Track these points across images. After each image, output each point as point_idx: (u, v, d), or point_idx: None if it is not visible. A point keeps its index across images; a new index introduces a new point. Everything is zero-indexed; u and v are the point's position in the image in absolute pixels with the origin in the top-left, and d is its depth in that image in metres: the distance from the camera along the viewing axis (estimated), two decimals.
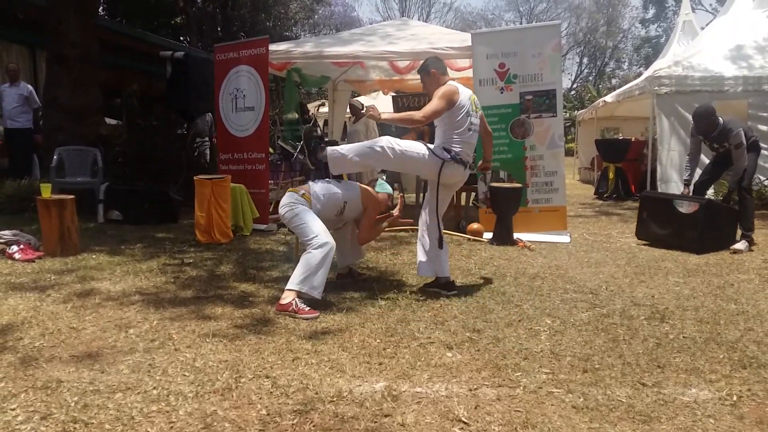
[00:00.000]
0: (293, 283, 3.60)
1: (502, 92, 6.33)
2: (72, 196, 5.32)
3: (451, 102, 3.89)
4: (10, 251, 4.93)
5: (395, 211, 4.39)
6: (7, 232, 5.14)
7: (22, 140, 8.89)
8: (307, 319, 3.44)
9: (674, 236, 5.62)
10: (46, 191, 5.21)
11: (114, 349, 2.91)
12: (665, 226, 5.69)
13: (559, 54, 6.54)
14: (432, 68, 4.10)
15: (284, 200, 3.90)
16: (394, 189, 9.71)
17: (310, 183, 4.02)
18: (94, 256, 5.12)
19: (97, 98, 8.54)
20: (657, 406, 2.37)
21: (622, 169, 10.69)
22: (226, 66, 7.11)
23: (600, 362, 2.83)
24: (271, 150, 8.07)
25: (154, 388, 2.47)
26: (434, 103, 3.87)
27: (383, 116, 3.92)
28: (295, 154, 7.04)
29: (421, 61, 4.31)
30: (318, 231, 3.70)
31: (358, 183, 4.26)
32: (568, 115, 25.78)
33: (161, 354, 2.86)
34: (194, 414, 2.25)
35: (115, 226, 6.88)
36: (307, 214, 3.78)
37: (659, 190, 10.47)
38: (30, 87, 9.04)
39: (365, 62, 8.48)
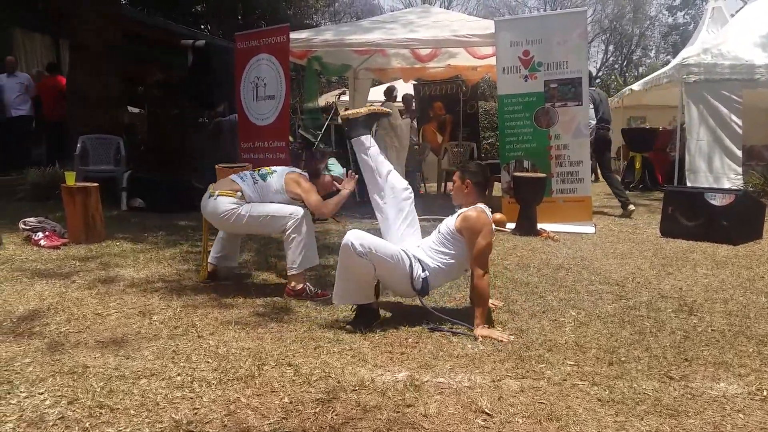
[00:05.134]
0: (294, 267, 3.63)
1: (526, 80, 6.24)
2: (96, 184, 5.38)
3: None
4: (35, 238, 5.00)
5: (344, 189, 3.95)
6: (32, 219, 5.21)
7: (23, 126, 9.20)
8: (322, 300, 3.53)
9: (704, 228, 5.50)
10: (70, 179, 5.27)
11: (138, 336, 2.94)
12: (694, 218, 5.57)
13: (584, 41, 6.43)
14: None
15: (216, 207, 3.61)
16: (417, 176, 9.68)
17: (237, 181, 3.74)
18: (117, 244, 5.17)
19: (118, 87, 8.62)
20: (684, 399, 2.32)
21: (648, 158, 10.50)
22: (246, 54, 7.11)
23: (626, 355, 2.78)
24: (291, 139, 8.07)
25: (178, 374, 2.48)
26: (485, 239, 3.10)
27: None
28: (316, 143, 7.02)
29: (443, 50, 4.16)
30: (282, 212, 3.62)
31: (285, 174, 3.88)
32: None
33: (185, 341, 2.88)
34: (218, 401, 2.25)
35: (138, 213, 6.96)
36: (255, 207, 3.64)
37: (687, 182, 10.31)
38: (27, 76, 9.41)
39: (386, 50, 8.42)
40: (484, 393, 2.35)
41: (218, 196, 3.62)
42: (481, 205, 3.24)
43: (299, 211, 3.66)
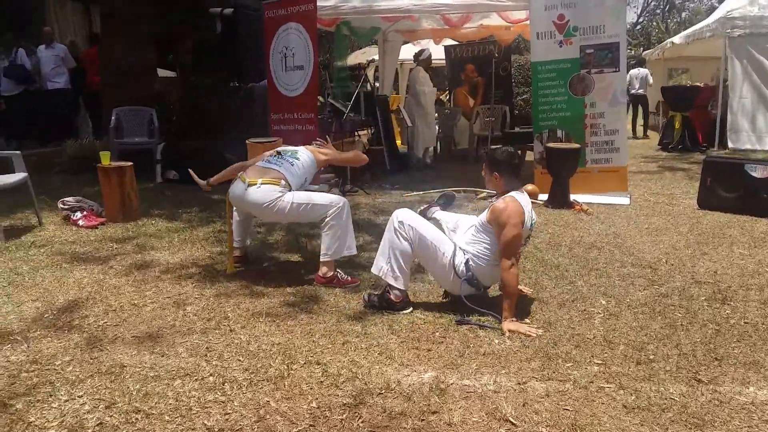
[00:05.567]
0: (328, 254, 3.65)
1: (560, 46, 6.03)
2: (130, 163, 5.47)
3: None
4: (74, 218, 5.15)
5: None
6: (70, 198, 5.35)
7: (62, 101, 9.27)
8: (351, 287, 3.61)
9: (743, 200, 5.33)
10: (105, 158, 5.37)
11: (173, 329, 3.03)
12: (733, 190, 5.40)
13: (623, 3, 6.14)
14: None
15: (263, 196, 3.56)
16: (450, 141, 9.58)
17: (275, 168, 3.72)
18: (153, 222, 5.29)
19: (150, 54, 8.64)
20: (712, 407, 2.30)
21: (689, 118, 10.13)
22: (275, 23, 7.02)
23: (655, 352, 2.76)
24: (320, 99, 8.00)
25: (211, 374, 2.56)
26: (511, 232, 3.05)
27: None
28: (346, 113, 6.96)
29: (474, 14, 4.04)
30: (324, 200, 3.66)
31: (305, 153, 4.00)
32: (632, 52, 24.49)
33: (217, 335, 2.96)
34: (248, 405, 2.33)
35: (173, 186, 7.08)
36: (298, 195, 3.63)
37: (729, 143, 9.95)
38: (64, 47, 9.43)
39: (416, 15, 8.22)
40: (509, 398, 2.37)
41: (262, 185, 3.58)
42: (513, 194, 3.18)
43: (341, 200, 3.69)
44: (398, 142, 9.99)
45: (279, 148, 4.02)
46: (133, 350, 2.80)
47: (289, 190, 3.64)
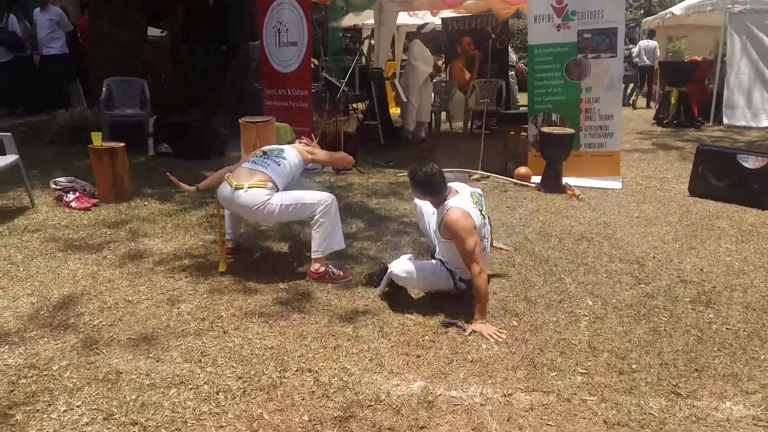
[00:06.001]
0: (318, 250, 3.70)
1: (558, 30, 5.96)
2: (122, 144, 5.43)
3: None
4: (66, 199, 5.14)
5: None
6: (62, 179, 5.33)
7: (58, 67, 9.05)
8: (343, 282, 3.67)
9: (734, 189, 5.38)
10: (96, 139, 5.33)
11: (167, 330, 3.09)
12: (724, 178, 5.44)
13: None
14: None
15: (251, 200, 3.56)
16: (446, 113, 9.51)
17: (261, 169, 3.70)
18: (145, 203, 5.31)
19: (142, 24, 8.47)
20: (689, 423, 2.39)
21: (685, 93, 10.09)
22: None
23: (637, 361, 2.84)
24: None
25: (205, 382, 2.63)
26: (469, 241, 3.14)
27: None
28: (341, 89, 6.89)
29: None
30: (313, 199, 3.68)
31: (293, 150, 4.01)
32: (632, 14, 24.15)
33: (211, 338, 3.02)
34: (242, 417, 2.40)
35: (165, 160, 7.06)
36: (286, 196, 3.66)
37: (724, 118, 9.94)
38: (59, 10, 9.13)
39: None
40: (495, 411, 2.45)
41: (249, 188, 3.57)
42: (450, 201, 3.29)
43: (329, 197, 3.72)
44: (394, 109, 9.91)
45: (265, 148, 3.99)
46: (129, 354, 2.85)
47: (277, 191, 3.65)
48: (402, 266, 3.39)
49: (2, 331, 3.05)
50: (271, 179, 3.65)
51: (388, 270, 3.44)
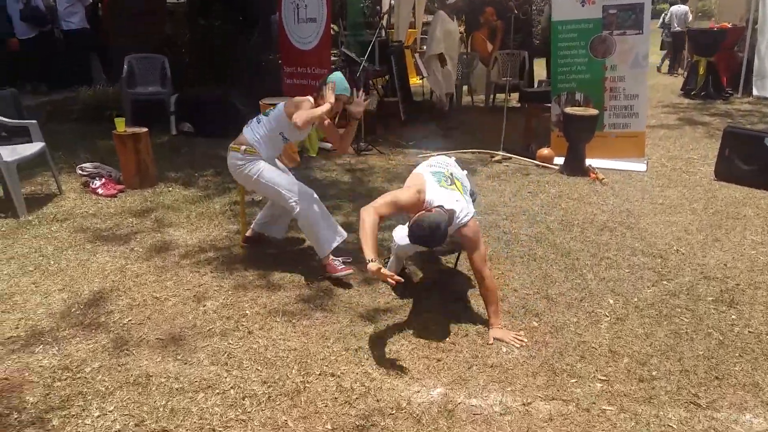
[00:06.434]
0: (321, 252, 3.73)
1: (583, 5, 5.81)
2: (145, 129, 5.46)
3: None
4: (93, 186, 5.22)
5: (355, 108, 3.94)
6: (88, 164, 5.41)
7: (80, 42, 9.06)
8: (343, 275, 3.68)
9: (761, 174, 5.27)
10: (120, 125, 5.36)
11: (194, 330, 3.17)
12: (751, 162, 5.33)
13: None
14: None
15: (230, 162, 3.73)
16: (467, 88, 9.37)
17: (243, 131, 3.76)
18: (169, 189, 5.38)
19: None
20: None
21: (714, 63, 9.79)
22: None
23: (657, 367, 2.85)
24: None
25: (231, 387, 2.71)
26: (483, 248, 3.17)
27: None
28: (361, 65, 6.81)
29: None
30: (289, 190, 3.66)
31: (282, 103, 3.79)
32: None
33: (236, 338, 3.09)
34: (267, 424, 2.48)
35: (187, 140, 7.11)
36: (266, 172, 3.67)
37: (754, 89, 9.66)
38: None
39: None
40: (514, 422, 2.50)
41: (230, 150, 3.73)
42: (456, 216, 3.06)
43: (305, 196, 3.68)
44: (414, 80, 9.76)
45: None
46: (158, 356, 2.94)
47: (253, 155, 3.65)
48: (401, 233, 3.40)
49: (37, 330, 3.16)
50: (246, 140, 3.69)
51: (393, 246, 3.47)
